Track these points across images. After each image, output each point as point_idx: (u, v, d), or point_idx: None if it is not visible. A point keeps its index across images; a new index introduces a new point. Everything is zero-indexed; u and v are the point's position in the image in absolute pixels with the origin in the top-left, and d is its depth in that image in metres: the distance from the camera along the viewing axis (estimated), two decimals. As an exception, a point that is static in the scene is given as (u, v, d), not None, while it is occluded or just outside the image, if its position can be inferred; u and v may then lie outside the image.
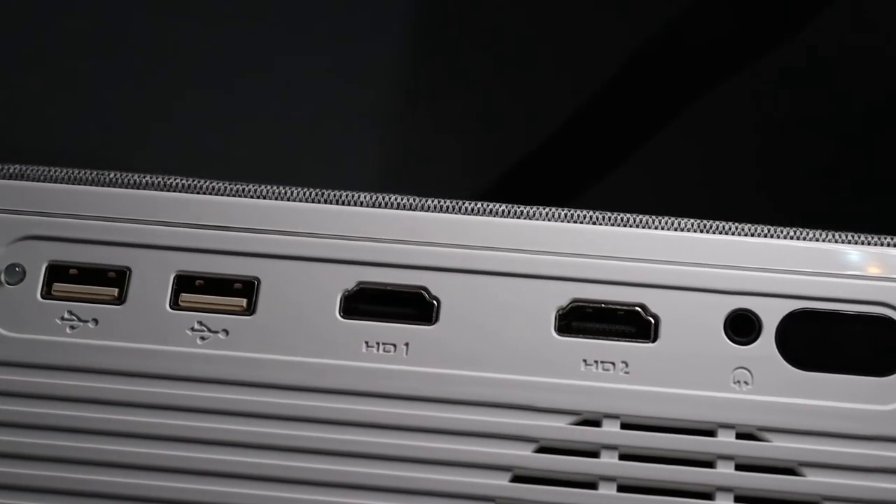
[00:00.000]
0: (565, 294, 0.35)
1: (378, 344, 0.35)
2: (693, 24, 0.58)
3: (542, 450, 0.34)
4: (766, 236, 0.35)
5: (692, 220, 0.36)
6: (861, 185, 0.65)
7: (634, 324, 0.35)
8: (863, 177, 0.65)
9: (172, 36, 0.71)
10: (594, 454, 0.34)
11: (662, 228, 0.35)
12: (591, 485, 0.34)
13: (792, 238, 0.35)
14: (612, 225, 0.35)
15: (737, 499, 0.33)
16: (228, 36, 0.71)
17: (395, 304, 0.35)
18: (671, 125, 0.60)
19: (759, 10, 0.57)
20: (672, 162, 0.64)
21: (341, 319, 0.35)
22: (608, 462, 0.34)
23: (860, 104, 0.65)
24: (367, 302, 0.35)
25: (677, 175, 0.65)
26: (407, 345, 0.35)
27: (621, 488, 0.33)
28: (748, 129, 0.66)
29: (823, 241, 0.35)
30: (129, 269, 0.35)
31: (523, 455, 0.34)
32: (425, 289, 0.35)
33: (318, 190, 0.36)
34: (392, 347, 0.35)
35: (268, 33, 0.71)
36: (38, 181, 0.36)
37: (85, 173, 0.36)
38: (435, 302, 0.35)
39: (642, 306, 0.34)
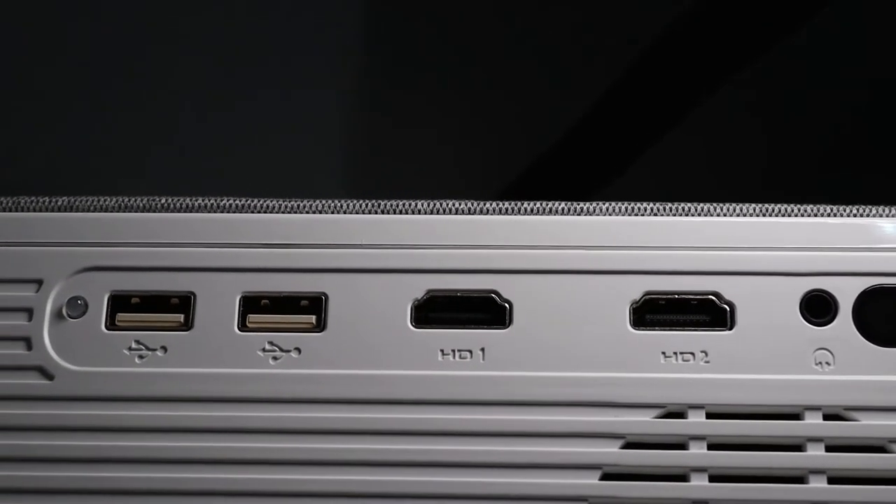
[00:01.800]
0: (637, 287, 0.34)
1: (454, 351, 0.34)
2: (701, 19, 0.58)
3: (630, 445, 0.33)
4: (830, 215, 0.35)
5: (753, 205, 0.35)
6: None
7: (709, 312, 0.34)
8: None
9: (138, 50, 0.71)
10: (682, 446, 0.33)
11: (725, 215, 0.35)
12: (682, 477, 0.33)
13: (856, 215, 0.35)
14: (673, 215, 0.35)
15: (830, 480, 0.33)
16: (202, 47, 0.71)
17: (466, 309, 0.35)
18: (683, 119, 0.60)
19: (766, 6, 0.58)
20: (683, 154, 0.64)
21: (414, 329, 0.34)
22: (697, 453, 0.33)
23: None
24: (437, 310, 0.35)
25: (689, 168, 0.65)
26: (483, 350, 0.34)
27: (713, 478, 0.33)
28: (757, 120, 0.66)
29: (888, 216, 0.35)
30: (193, 293, 0.35)
31: (611, 452, 0.33)
32: (496, 292, 0.35)
33: (374, 201, 0.36)
34: (468, 353, 0.34)
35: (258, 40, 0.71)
36: (87, 211, 0.36)
37: (135, 200, 0.36)
38: (507, 305, 0.34)
39: (716, 294, 0.34)
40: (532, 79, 0.68)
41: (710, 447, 0.33)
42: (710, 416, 0.33)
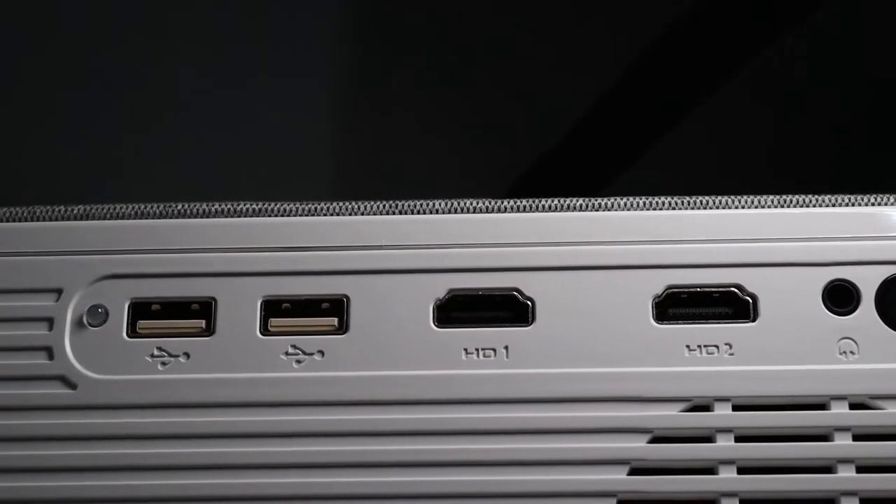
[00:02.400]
0: (659, 282, 0.34)
1: (477, 350, 0.34)
2: (701, 18, 0.58)
3: (657, 440, 0.33)
4: (849, 205, 0.35)
5: (771, 197, 0.35)
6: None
7: (732, 305, 0.34)
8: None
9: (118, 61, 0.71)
10: (709, 439, 0.33)
11: (743, 207, 0.35)
12: (710, 470, 0.33)
13: (875, 204, 0.35)
14: (692, 208, 0.35)
15: (859, 469, 0.33)
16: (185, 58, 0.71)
17: (488, 308, 0.35)
18: (685, 117, 0.60)
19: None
20: (685, 149, 0.64)
21: (436, 329, 0.34)
22: (725, 445, 0.33)
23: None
24: (459, 309, 0.35)
25: (692, 162, 0.65)
26: (507, 348, 0.34)
27: (741, 470, 0.33)
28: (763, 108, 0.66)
29: (907, 205, 0.35)
30: (214, 299, 0.34)
31: (638, 447, 0.33)
32: (518, 290, 0.34)
33: (391, 202, 0.36)
34: (492, 352, 0.34)
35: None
36: (104, 219, 0.35)
37: (151, 207, 0.36)
38: (529, 302, 0.34)
39: (738, 286, 0.34)
40: (532, 78, 0.68)
41: (738, 439, 0.33)
42: (736, 408, 0.33)
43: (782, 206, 0.35)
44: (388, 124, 0.71)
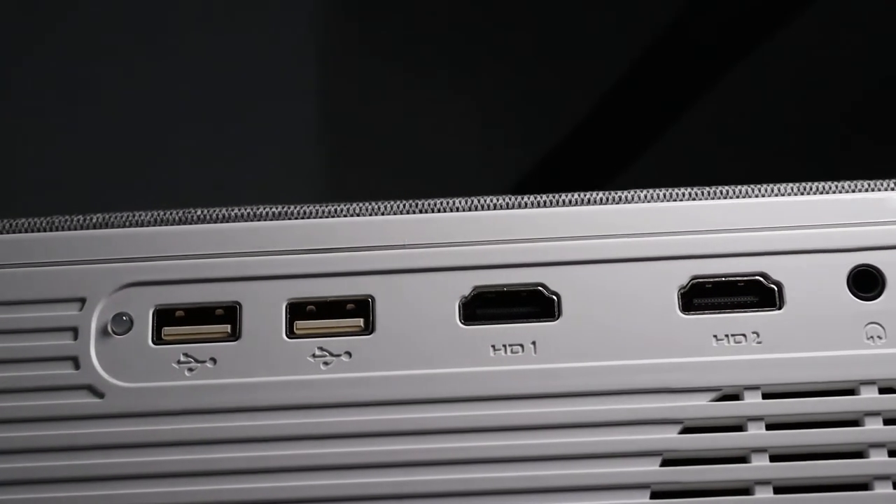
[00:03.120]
0: (684, 272, 0.34)
1: (505, 346, 0.34)
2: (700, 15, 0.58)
3: (688, 430, 0.33)
4: (870, 190, 0.35)
5: (791, 185, 0.36)
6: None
7: (757, 293, 0.34)
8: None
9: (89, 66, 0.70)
10: (740, 428, 0.33)
11: (763, 196, 0.35)
12: (742, 458, 0.33)
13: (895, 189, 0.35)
14: (713, 198, 0.35)
15: (891, 453, 0.33)
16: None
17: (514, 304, 0.35)
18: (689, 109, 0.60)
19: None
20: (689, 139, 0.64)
21: (463, 326, 0.34)
22: (756, 434, 0.33)
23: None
24: (485, 306, 0.35)
25: (696, 152, 0.65)
26: (534, 343, 0.34)
27: (774, 458, 0.33)
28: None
29: (928, 189, 0.35)
30: (238, 303, 0.34)
31: (670, 438, 0.33)
32: (543, 285, 0.34)
33: (411, 201, 0.36)
34: (520, 348, 0.34)
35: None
36: (123, 227, 0.35)
37: (171, 214, 0.35)
38: (555, 297, 0.34)
39: (763, 274, 0.34)
40: (533, 75, 0.68)
41: (769, 427, 0.33)
42: (766, 396, 0.33)
43: (803, 194, 0.35)
44: (389, 122, 0.70)
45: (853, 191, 0.35)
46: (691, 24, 0.59)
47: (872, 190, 0.35)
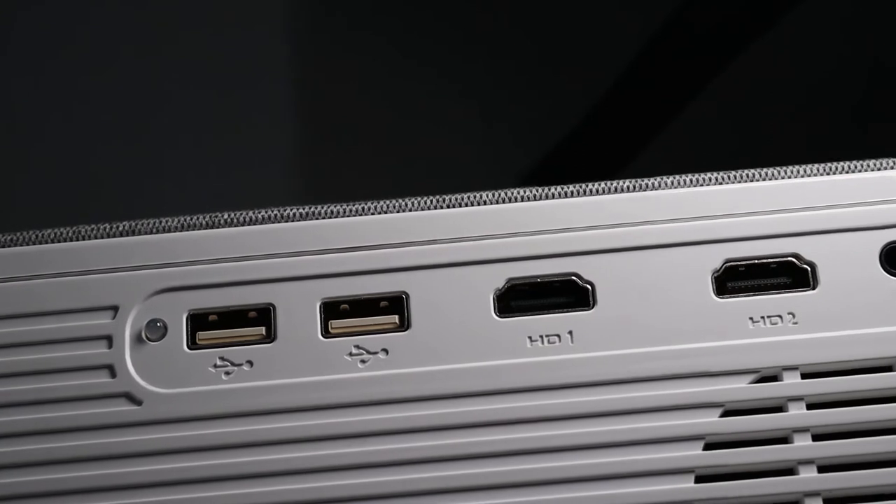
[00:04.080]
0: (717, 256, 0.34)
1: (542, 337, 0.34)
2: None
3: (729, 413, 0.33)
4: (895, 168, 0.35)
5: (817, 165, 0.36)
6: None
7: (791, 274, 0.34)
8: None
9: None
10: (780, 409, 0.33)
11: (790, 177, 0.35)
12: (785, 439, 0.33)
13: (922, 166, 0.35)
14: (740, 182, 0.35)
15: (934, 427, 0.33)
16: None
17: (548, 294, 0.35)
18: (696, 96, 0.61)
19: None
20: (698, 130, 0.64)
21: (498, 319, 0.34)
22: (797, 414, 0.33)
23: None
24: (519, 298, 0.35)
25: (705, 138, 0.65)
26: (571, 333, 0.34)
27: (816, 437, 0.33)
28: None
29: (953, 164, 0.35)
30: (272, 305, 0.34)
31: (711, 421, 0.33)
32: (576, 274, 0.34)
33: (438, 197, 0.36)
34: (556, 338, 0.34)
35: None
36: (150, 234, 0.35)
37: (197, 219, 0.35)
38: (589, 286, 0.34)
39: (796, 255, 0.34)
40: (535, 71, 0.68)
41: (809, 407, 0.33)
42: (804, 375, 0.33)
43: (829, 174, 0.35)
44: (391, 118, 0.70)
45: (879, 169, 0.35)
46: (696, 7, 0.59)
47: (898, 167, 0.35)
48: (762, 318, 0.34)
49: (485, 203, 0.35)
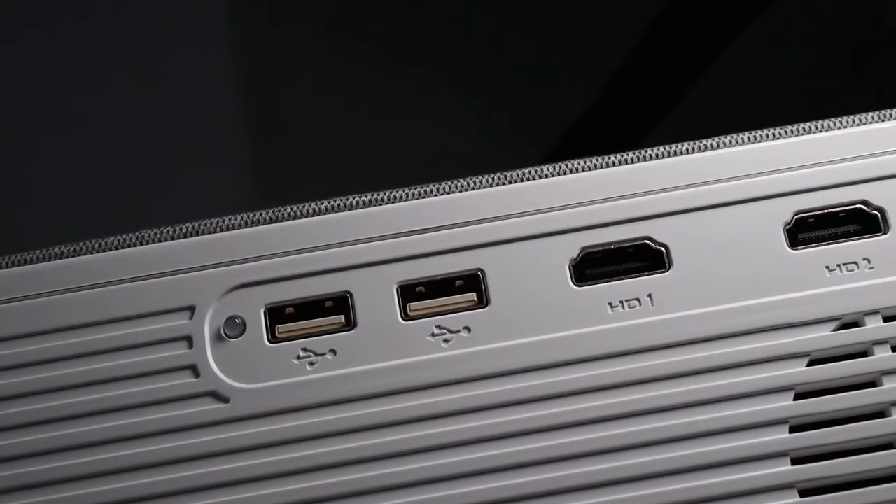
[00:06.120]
0: (786, 209, 0.35)
1: (622, 302, 0.34)
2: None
3: (815, 362, 0.33)
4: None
5: (872, 114, 0.36)
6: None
7: (860, 221, 0.35)
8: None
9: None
10: (865, 353, 0.33)
11: (846, 127, 0.35)
12: (872, 383, 0.33)
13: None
14: (797, 135, 0.35)
15: None
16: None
17: (622, 260, 0.35)
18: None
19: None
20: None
21: (577, 288, 0.34)
22: (883, 357, 0.33)
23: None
24: (594, 266, 0.35)
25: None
26: (650, 296, 0.34)
27: (904, 378, 0.33)
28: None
29: None
30: (349, 293, 0.34)
31: (799, 371, 0.33)
32: (649, 238, 0.34)
33: (500, 174, 0.36)
34: (636, 302, 0.34)
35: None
36: (214, 233, 0.35)
37: (260, 214, 0.35)
38: (663, 248, 0.34)
39: (864, 202, 0.35)
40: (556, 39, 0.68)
41: (894, 349, 0.33)
42: (886, 319, 0.34)
43: (884, 120, 0.36)
44: (409, 97, 0.70)
45: (934, 112, 0.35)
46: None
47: (953, 109, 0.35)
48: (838, 265, 0.34)
49: (546, 176, 0.35)
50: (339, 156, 0.71)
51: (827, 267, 0.34)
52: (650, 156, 0.35)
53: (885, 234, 0.34)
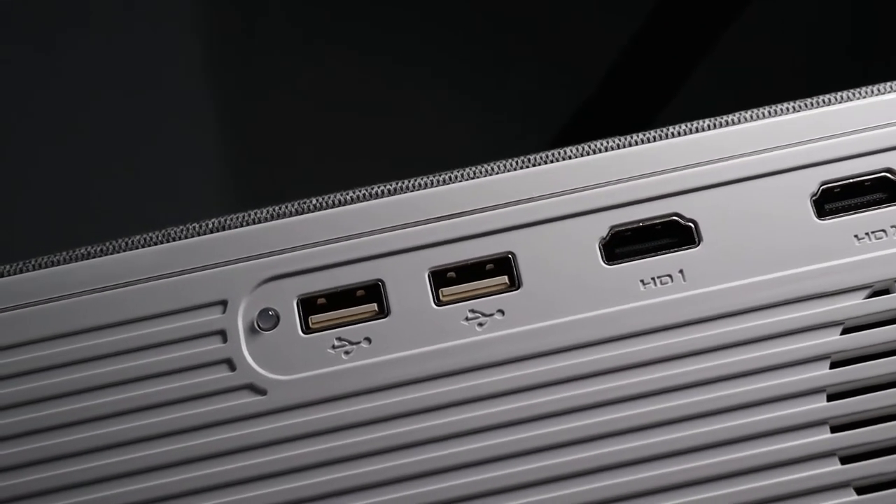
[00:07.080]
0: (812, 181, 0.35)
1: (654, 279, 0.34)
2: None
3: (849, 330, 0.34)
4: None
5: (891, 83, 0.36)
6: None
7: (886, 189, 0.35)
8: None
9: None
10: (897, 320, 0.34)
11: (866, 97, 0.36)
12: (907, 349, 0.33)
13: None
14: (815, 108, 0.36)
15: None
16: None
17: (651, 238, 0.35)
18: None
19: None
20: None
21: (608, 266, 0.34)
22: (917, 322, 0.34)
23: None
24: (623, 244, 0.35)
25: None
26: (682, 271, 0.34)
27: (938, 343, 0.33)
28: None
29: None
30: (381, 280, 0.34)
31: (834, 340, 0.33)
32: (678, 214, 0.35)
33: (523, 157, 0.36)
34: (668, 278, 0.34)
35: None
36: (239, 227, 0.35)
37: (286, 207, 0.35)
38: (691, 224, 0.34)
39: (890, 170, 0.35)
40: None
41: (926, 315, 0.34)
42: (917, 285, 0.34)
43: (904, 89, 0.36)
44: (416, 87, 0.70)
45: (953, 79, 0.36)
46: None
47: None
48: (866, 234, 0.34)
49: (570, 157, 0.35)
50: (340, 156, 0.71)
51: (855, 236, 0.34)
52: (673, 133, 0.36)
53: (911, 201, 0.34)
